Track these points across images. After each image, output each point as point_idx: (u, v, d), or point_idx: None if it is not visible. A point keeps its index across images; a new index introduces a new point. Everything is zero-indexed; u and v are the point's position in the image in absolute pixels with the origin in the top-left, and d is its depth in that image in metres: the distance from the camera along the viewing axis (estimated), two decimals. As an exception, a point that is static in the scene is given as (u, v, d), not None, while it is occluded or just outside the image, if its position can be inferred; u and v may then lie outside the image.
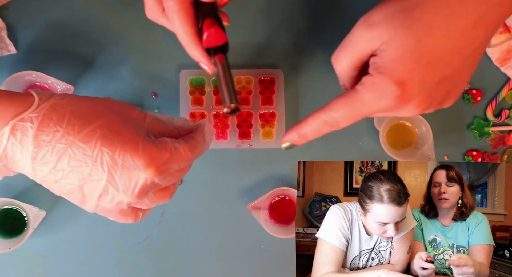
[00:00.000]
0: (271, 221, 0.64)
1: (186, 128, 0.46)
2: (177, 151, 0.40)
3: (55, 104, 0.38)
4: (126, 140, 0.38)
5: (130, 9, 0.66)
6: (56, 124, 0.37)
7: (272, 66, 0.66)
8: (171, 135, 0.43)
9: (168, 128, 0.44)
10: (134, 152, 0.38)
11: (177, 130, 0.45)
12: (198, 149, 0.44)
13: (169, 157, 0.40)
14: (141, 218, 0.44)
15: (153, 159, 0.38)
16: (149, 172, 0.38)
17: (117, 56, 0.66)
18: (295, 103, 0.66)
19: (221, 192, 0.66)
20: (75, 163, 0.37)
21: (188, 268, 0.65)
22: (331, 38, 0.67)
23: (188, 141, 0.43)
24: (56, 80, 0.61)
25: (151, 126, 0.42)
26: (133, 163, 0.38)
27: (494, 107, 0.66)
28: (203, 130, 0.46)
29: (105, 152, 0.37)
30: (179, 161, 0.41)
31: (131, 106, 0.44)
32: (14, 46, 0.64)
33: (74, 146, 0.37)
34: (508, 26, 0.65)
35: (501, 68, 0.66)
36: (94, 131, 0.38)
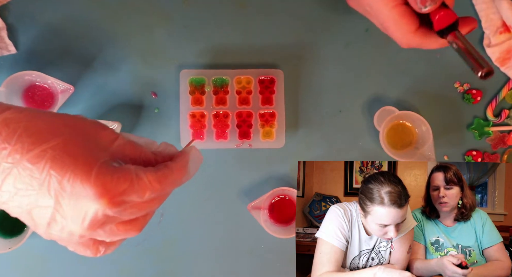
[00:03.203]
0: (271, 221, 0.64)
1: (167, 154, 0.41)
2: (140, 181, 0.35)
3: (8, 119, 0.35)
4: (79, 164, 0.34)
5: (130, 9, 0.66)
6: (4, 140, 0.33)
7: (272, 66, 0.66)
8: (146, 161, 0.39)
9: (143, 153, 0.39)
10: (86, 179, 0.33)
11: (155, 155, 0.40)
12: (172, 179, 0.38)
13: (128, 187, 0.35)
14: (104, 253, 0.38)
15: (107, 189, 0.34)
16: (101, 203, 0.33)
17: (117, 56, 0.66)
18: (295, 103, 0.66)
19: (221, 192, 0.66)
20: (21, 185, 0.33)
21: (188, 268, 0.65)
22: (331, 38, 0.67)
23: (159, 169, 0.37)
24: (56, 80, 0.61)
25: (121, 150, 0.38)
26: (84, 191, 0.33)
27: (494, 107, 0.66)
28: (186, 158, 0.41)
29: (54, 176, 0.33)
30: (140, 192, 0.35)
31: (102, 126, 0.39)
32: (14, 46, 0.64)
33: (21, 167, 0.33)
34: (508, 26, 0.65)
35: (501, 68, 0.66)
36: (45, 151, 0.34)
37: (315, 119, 0.66)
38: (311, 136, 0.66)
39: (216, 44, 0.66)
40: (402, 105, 0.66)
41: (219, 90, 0.65)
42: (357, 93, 0.67)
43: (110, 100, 0.65)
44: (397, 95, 0.67)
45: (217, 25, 0.66)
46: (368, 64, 0.67)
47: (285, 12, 0.67)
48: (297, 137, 0.66)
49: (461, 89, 0.67)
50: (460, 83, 0.67)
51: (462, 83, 0.67)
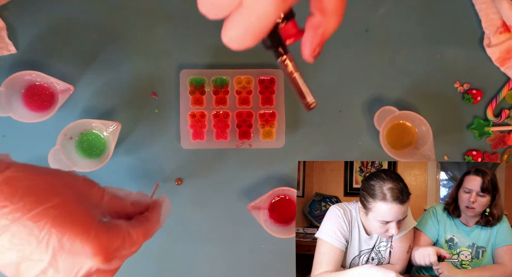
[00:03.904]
0: (271, 221, 0.64)
1: (143, 203, 0.44)
2: (130, 237, 0.39)
3: (9, 177, 0.36)
4: (78, 224, 0.36)
5: (130, 9, 0.66)
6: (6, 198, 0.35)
7: (272, 66, 0.66)
8: (128, 212, 0.42)
9: (124, 205, 0.42)
10: (85, 238, 0.35)
11: (133, 206, 0.43)
12: (152, 231, 0.42)
13: (121, 244, 0.38)
14: None
15: (104, 247, 0.36)
16: (97, 260, 0.36)
17: (117, 56, 0.66)
18: (295, 103, 0.66)
19: (221, 192, 0.66)
20: (17, 241, 0.35)
21: (188, 268, 0.65)
22: (331, 38, 0.67)
23: (143, 224, 0.41)
24: (56, 80, 0.61)
25: (108, 205, 0.41)
26: (82, 249, 0.35)
27: (494, 107, 0.66)
28: (160, 207, 0.44)
29: (54, 234, 0.35)
30: (130, 247, 0.39)
31: (91, 182, 0.41)
32: (14, 46, 0.64)
33: (21, 224, 0.35)
34: (508, 26, 0.65)
35: (501, 68, 0.66)
36: (47, 210, 0.35)
37: (315, 119, 0.66)
38: (311, 136, 0.66)
39: (216, 44, 0.66)
40: (402, 105, 0.66)
41: (219, 90, 0.65)
42: (357, 93, 0.67)
43: (110, 100, 0.65)
44: (397, 95, 0.67)
45: (217, 25, 0.66)
46: (368, 64, 0.67)
47: (285, 12, 0.67)
48: (297, 137, 0.66)
49: (461, 89, 0.67)
50: (460, 83, 0.67)
51: (462, 83, 0.67)
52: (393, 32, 0.67)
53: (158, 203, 0.44)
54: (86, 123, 0.62)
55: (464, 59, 0.67)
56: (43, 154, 0.61)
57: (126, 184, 0.65)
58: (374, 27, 0.67)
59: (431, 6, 0.67)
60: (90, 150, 0.64)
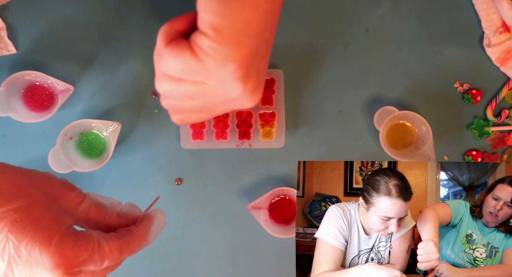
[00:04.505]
0: (271, 221, 0.64)
1: (131, 216, 0.39)
2: (101, 250, 0.34)
3: None
4: (40, 230, 0.32)
5: (130, 9, 0.66)
6: None
7: (272, 66, 0.66)
8: (110, 224, 0.38)
9: (107, 216, 0.38)
10: (46, 248, 0.31)
11: (119, 218, 0.38)
12: (133, 246, 0.37)
13: (88, 257, 0.33)
14: None
15: (66, 259, 0.32)
16: (56, 274, 0.32)
17: (117, 56, 0.66)
18: (295, 103, 0.66)
19: (221, 192, 0.66)
20: None
21: (188, 268, 0.65)
22: (331, 38, 0.67)
23: (122, 237, 0.36)
24: (56, 80, 0.61)
25: (86, 213, 0.36)
26: (40, 260, 0.31)
27: (494, 107, 0.66)
28: (151, 223, 0.39)
29: (11, 240, 0.31)
30: (99, 262, 0.34)
31: (69, 186, 0.37)
32: (14, 46, 0.64)
33: None
34: (508, 26, 0.65)
35: (501, 68, 0.66)
36: (6, 213, 0.32)
37: (315, 119, 0.66)
38: (311, 136, 0.66)
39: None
40: (402, 105, 0.66)
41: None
42: (357, 93, 0.67)
43: (110, 100, 0.65)
44: (397, 95, 0.67)
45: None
46: (368, 64, 0.67)
47: (285, 12, 0.67)
48: (297, 137, 0.66)
49: (461, 89, 0.67)
50: (460, 83, 0.67)
51: (462, 83, 0.67)
52: (393, 32, 0.67)
53: (149, 218, 0.39)
54: (86, 123, 0.62)
55: (464, 59, 0.67)
56: (43, 154, 0.61)
57: (126, 184, 0.65)
58: (374, 27, 0.67)
59: (431, 6, 0.67)
60: (90, 150, 0.64)
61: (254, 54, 0.39)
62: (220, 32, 0.37)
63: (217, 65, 0.38)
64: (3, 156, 0.65)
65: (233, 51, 0.37)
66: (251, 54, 0.38)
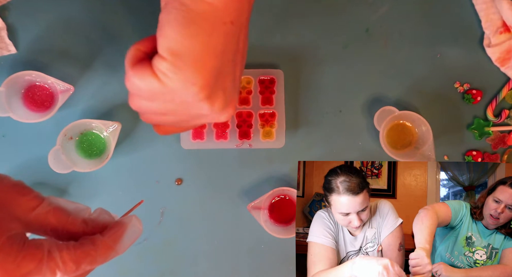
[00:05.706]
0: (271, 221, 0.64)
1: (100, 223, 0.35)
2: (51, 261, 0.30)
3: None
4: None
5: (130, 9, 0.66)
6: None
7: (272, 66, 0.66)
8: (72, 231, 0.34)
9: (69, 221, 0.33)
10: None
11: (85, 225, 0.34)
12: (93, 257, 0.32)
13: (34, 268, 0.29)
14: None
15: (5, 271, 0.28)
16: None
17: (117, 56, 0.66)
18: (295, 103, 0.66)
19: (221, 192, 0.66)
20: None
21: (188, 268, 0.65)
22: (331, 38, 0.67)
23: (81, 245, 0.32)
24: (56, 80, 0.61)
25: (43, 219, 0.32)
26: None
27: (494, 107, 0.66)
28: (122, 230, 0.35)
29: None
30: (49, 274, 0.30)
31: (24, 189, 0.33)
32: (14, 46, 0.64)
33: None
34: (508, 26, 0.65)
35: (501, 68, 0.66)
36: None
37: (315, 119, 0.66)
38: (311, 136, 0.66)
39: (216, 44, 0.66)
40: (402, 105, 0.66)
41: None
42: (357, 93, 0.67)
43: (110, 100, 0.65)
44: (397, 95, 0.67)
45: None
46: (368, 64, 0.67)
47: (285, 12, 0.67)
48: (297, 137, 0.66)
49: (461, 89, 0.67)
50: (460, 83, 0.67)
51: (462, 83, 0.67)
52: (393, 32, 0.67)
53: (121, 225, 0.35)
54: (86, 123, 0.62)
55: (464, 59, 0.67)
56: (43, 154, 0.61)
57: (126, 184, 0.65)
58: (374, 27, 0.67)
59: (431, 6, 0.67)
60: (90, 150, 0.64)
61: (217, 74, 0.38)
62: (178, 56, 0.36)
63: (179, 87, 0.37)
64: (3, 156, 0.65)
65: (193, 74, 0.37)
66: (212, 75, 0.38)
